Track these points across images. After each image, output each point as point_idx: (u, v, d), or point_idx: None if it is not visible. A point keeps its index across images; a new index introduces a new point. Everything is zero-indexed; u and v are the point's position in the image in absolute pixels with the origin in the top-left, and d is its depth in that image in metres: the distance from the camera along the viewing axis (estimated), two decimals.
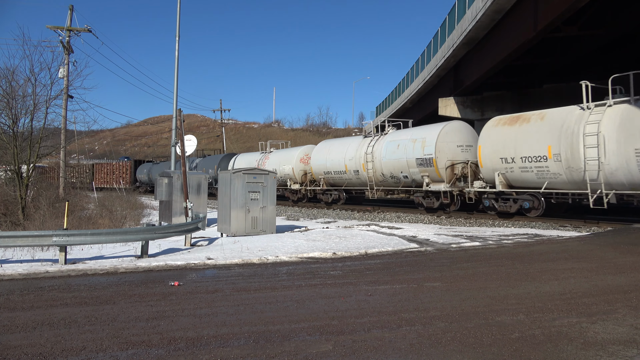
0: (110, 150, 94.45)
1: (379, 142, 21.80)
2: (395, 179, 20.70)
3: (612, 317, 5.11)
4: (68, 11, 27.14)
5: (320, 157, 25.93)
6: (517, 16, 17.94)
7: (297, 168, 27.76)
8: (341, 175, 24.53)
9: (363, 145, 22.79)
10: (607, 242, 10.51)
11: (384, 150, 21.12)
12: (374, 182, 22.02)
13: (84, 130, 45.86)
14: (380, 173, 21.47)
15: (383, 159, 21.05)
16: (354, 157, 23.29)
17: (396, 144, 20.47)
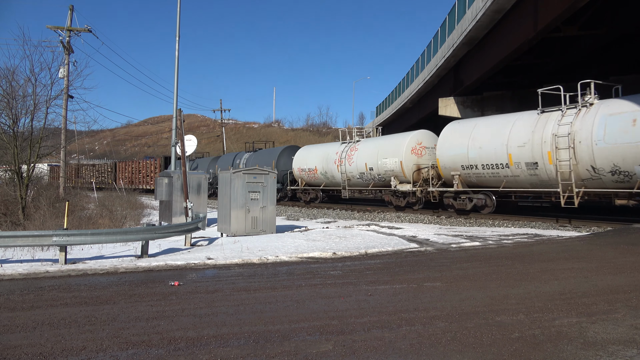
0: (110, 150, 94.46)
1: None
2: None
3: (612, 317, 5.11)
4: (68, 11, 27.15)
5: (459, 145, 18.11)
6: (517, 16, 17.95)
7: (408, 162, 20.64)
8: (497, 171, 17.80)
9: None
10: (607, 242, 10.51)
11: None
12: None
13: (84, 130, 45.72)
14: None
15: None
16: None
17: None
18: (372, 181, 22.49)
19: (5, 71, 17.94)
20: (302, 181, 27.74)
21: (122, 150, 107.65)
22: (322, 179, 26.13)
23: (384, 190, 22.45)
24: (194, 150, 22.06)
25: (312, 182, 27.25)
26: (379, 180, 22.15)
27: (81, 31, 27.30)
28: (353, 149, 23.90)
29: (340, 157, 24.57)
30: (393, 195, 21.84)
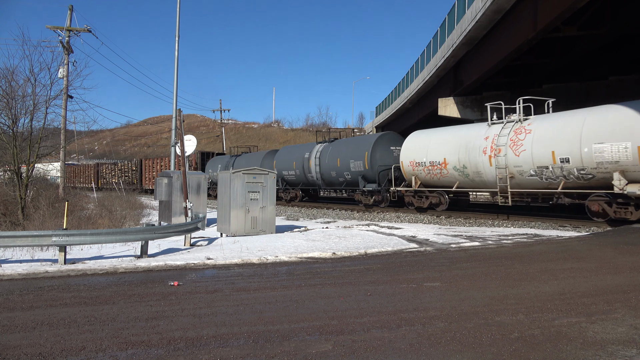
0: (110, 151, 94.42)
1: None
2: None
3: (611, 317, 5.11)
4: (68, 11, 27.15)
5: None
6: (516, 16, 17.95)
7: None
8: None
9: None
10: (607, 242, 10.51)
11: None
12: None
13: (84, 130, 45.31)
14: None
15: None
16: None
17: None
18: (564, 180, 14.42)
19: (5, 71, 17.97)
20: (416, 180, 20.10)
21: (122, 151, 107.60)
22: (455, 177, 18.30)
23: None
24: (193, 150, 22.05)
25: (434, 182, 19.59)
26: (581, 178, 13.93)
27: (81, 31, 27.30)
28: (521, 130, 15.68)
29: (495, 144, 16.31)
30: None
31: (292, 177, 28.43)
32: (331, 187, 26.30)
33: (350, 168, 22.91)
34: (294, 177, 28.24)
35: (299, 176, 27.71)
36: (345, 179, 23.79)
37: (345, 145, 24.32)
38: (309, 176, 26.65)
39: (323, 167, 25.29)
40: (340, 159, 23.97)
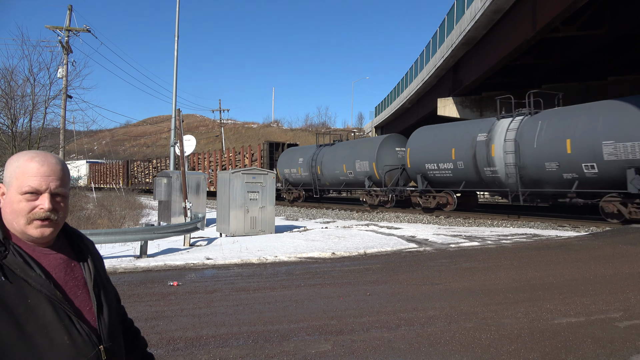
0: (109, 151, 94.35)
1: None
2: None
3: (610, 317, 5.12)
4: (67, 11, 27.12)
5: None
6: (515, 16, 17.96)
7: None
8: None
9: None
10: (606, 242, 10.52)
11: None
12: None
13: (83, 130, 45.13)
14: None
15: None
16: None
17: None
18: None
19: (4, 71, 17.93)
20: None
21: (121, 151, 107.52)
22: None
23: None
24: (192, 150, 22.04)
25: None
26: None
27: (80, 31, 27.25)
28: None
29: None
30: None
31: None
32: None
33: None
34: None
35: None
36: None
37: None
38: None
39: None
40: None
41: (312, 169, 26.95)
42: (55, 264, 1.38)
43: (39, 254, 1.36)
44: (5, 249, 1.30)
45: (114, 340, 1.44)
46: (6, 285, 1.25)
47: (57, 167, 1.37)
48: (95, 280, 1.45)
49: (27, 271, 1.29)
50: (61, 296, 1.32)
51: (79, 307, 1.37)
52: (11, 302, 1.24)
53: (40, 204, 1.33)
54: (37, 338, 1.25)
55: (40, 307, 1.27)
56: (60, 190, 1.36)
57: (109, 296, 1.49)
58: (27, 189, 1.32)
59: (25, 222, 1.33)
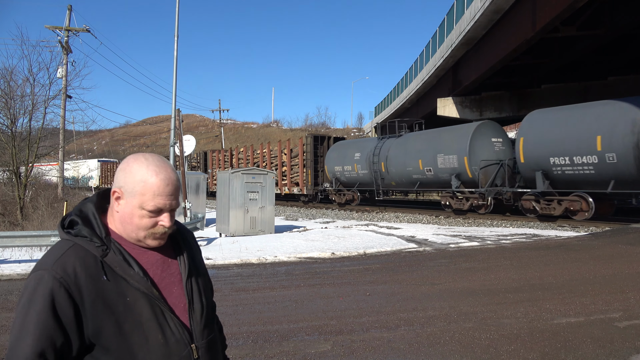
0: (109, 151, 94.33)
1: None
2: None
3: (610, 317, 5.12)
4: (67, 11, 27.12)
5: None
6: (515, 16, 17.96)
7: None
8: None
9: None
10: (605, 242, 10.53)
11: None
12: None
13: (83, 130, 45.01)
14: None
15: None
16: None
17: None
18: None
19: (4, 71, 17.95)
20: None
21: (121, 151, 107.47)
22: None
23: None
24: (192, 150, 22.05)
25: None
26: None
27: (79, 31, 27.26)
28: None
29: None
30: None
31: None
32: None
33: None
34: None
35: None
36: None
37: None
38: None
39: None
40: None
41: (373, 165, 22.59)
42: (152, 261, 1.40)
43: (138, 252, 1.38)
44: (107, 247, 1.32)
45: (207, 338, 1.44)
46: (107, 284, 1.28)
47: (177, 184, 1.39)
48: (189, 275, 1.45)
49: (126, 269, 1.31)
50: (157, 293, 1.34)
51: (173, 304, 1.38)
52: (112, 300, 1.27)
53: (161, 221, 1.36)
54: (134, 336, 1.29)
55: (137, 305, 1.30)
56: (175, 205, 1.40)
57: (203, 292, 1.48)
58: (152, 209, 1.34)
59: (145, 236, 1.36)
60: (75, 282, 1.25)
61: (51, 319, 1.22)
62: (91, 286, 1.26)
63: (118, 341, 1.27)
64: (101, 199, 1.43)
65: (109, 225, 1.39)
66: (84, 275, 1.26)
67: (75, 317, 1.25)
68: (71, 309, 1.24)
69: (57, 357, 1.23)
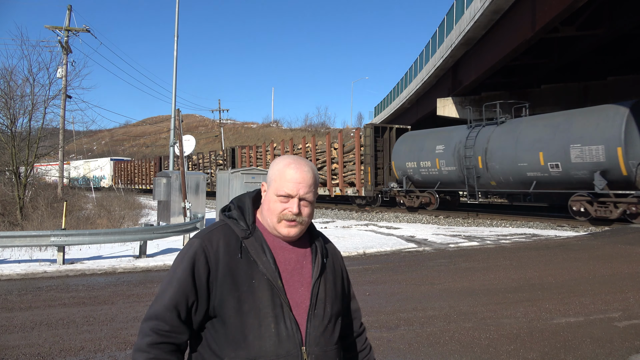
0: (108, 150, 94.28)
1: None
2: None
3: (609, 317, 5.12)
4: (66, 11, 27.11)
5: None
6: (515, 16, 17.97)
7: None
8: None
9: None
10: (605, 242, 10.53)
11: None
12: None
13: (83, 131, 44.75)
14: None
15: None
16: None
17: None
18: None
19: (3, 71, 17.95)
20: None
21: (121, 151, 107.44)
22: None
23: None
24: (192, 150, 22.02)
25: None
26: None
27: (79, 31, 27.24)
28: None
29: None
30: None
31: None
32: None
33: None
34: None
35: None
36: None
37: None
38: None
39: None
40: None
41: (464, 161, 18.08)
42: (287, 257, 1.50)
43: (276, 245, 1.50)
44: (250, 232, 1.49)
45: (322, 348, 1.46)
46: (240, 262, 1.43)
47: (308, 175, 1.50)
48: (319, 282, 1.51)
49: (259, 254, 1.45)
50: (281, 285, 1.43)
51: (295, 303, 1.45)
52: (240, 278, 1.41)
53: (289, 207, 1.47)
54: (249, 317, 1.39)
55: (260, 289, 1.41)
56: (306, 196, 1.49)
57: (330, 303, 1.52)
58: (282, 193, 1.47)
59: (277, 221, 1.48)
60: (215, 254, 1.42)
61: (190, 279, 1.41)
62: (227, 260, 1.42)
63: (235, 317, 1.39)
64: (258, 195, 1.60)
65: (258, 216, 1.56)
66: (223, 249, 1.43)
67: (207, 283, 1.41)
68: (206, 274, 1.41)
69: (187, 313, 1.41)
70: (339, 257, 1.66)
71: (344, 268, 1.67)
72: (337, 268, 1.62)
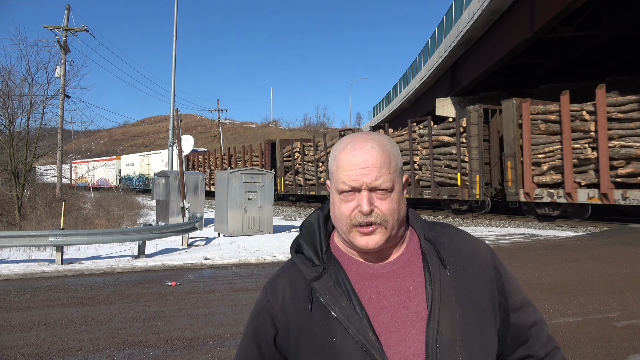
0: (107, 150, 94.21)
1: None
2: None
3: (608, 317, 5.13)
4: (65, 11, 27.06)
5: None
6: (513, 16, 17.99)
7: None
8: None
9: None
10: (604, 242, 10.54)
11: None
12: None
13: (81, 130, 44.30)
14: None
15: None
16: None
17: None
18: None
19: (2, 71, 17.84)
20: None
21: (119, 150, 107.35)
22: None
23: None
24: (190, 150, 22.01)
25: None
26: None
27: (78, 31, 27.19)
28: None
29: None
30: None
31: None
32: None
33: None
34: None
35: None
36: None
37: None
38: None
39: None
40: None
41: None
42: (380, 288, 1.02)
43: (362, 274, 1.04)
44: (323, 267, 1.04)
45: None
46: (313, 316, 1.00)
47: (374, 152, 1.00)
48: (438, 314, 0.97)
49: (336, 298, 1.00)
50: (375, 340, 0.96)
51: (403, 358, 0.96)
52: (316, 338, 0.99)
53: (358, 205, 1.00)
54: None
55: (345, 352, 0.96)
56: (379, 183, 0.99)
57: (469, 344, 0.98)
58: (344, 188, 1.01)
59: (347, 229, 1.01)
60: (282, 310, 1.04)
61: (252, 342, 1.10)
62: (295, 317, 1.02)
63: None
64: None
65: (334, 238, 1.11)
66: (290, 302, 1.04)
67: (276, 349, 1.06)
68: (272, 339, 1.06)
69: None
70: (480, 254, 1.12)
71: (492, 268, 1.12)
72: (478, 273, 1.07)
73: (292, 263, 1.10)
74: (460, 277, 1.03)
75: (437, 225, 1.14)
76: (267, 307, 1.07)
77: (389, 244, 1.03)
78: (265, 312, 1.07)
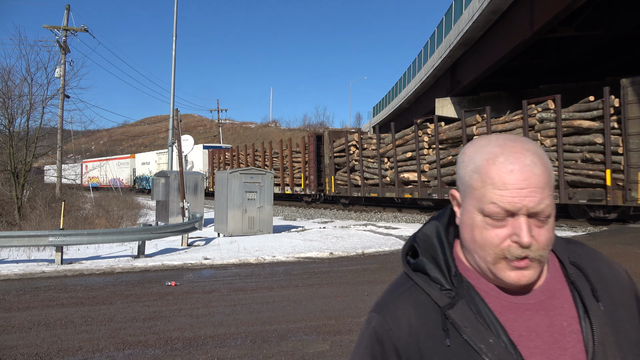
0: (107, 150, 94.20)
1: None
2: None
3: None
4: (65, 11, 27.06)
5: None
6: (513, 17, 18.01)
7: None
8: None
9: None
10: (603, 242, 10.55)
11: None
12: None
13: (81, 130, 44.15)
14: None
15: None
16: None
17: None
18: None
19: (1, 71, 17.85)
20: None
21: (119, 150, 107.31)
22: None
23: None
24: (190, 150, 22.02)
25: None
26: None
27: (77, 31, 27.20)
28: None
29: None
30: None
31: None
32: None
33: None
34: None
35: None
36: None
37: None
38: None
39: None
40: None
41: None
42: (529, 323, 0.86)
43: (504, 304, 0.87)
44: (455, 293, 0.87)
45: None
46: (450, 352, 0.84)
47: (535, 169, 0.83)
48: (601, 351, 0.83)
49: (482, 334, 0.83)
50: None
51: None
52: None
53: (514, 234, 0.83)
54: None
55: None
56: (541, 208, 0.82)
57: None
58: (493, 210, 0.83)
59: (492, 260, 0.85)
60: (410, 340, 0.87)
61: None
62: (430, 352, 0.85)
63: None
64: (452, 217, 0.96)
65: (458, 251, 0.95)
66: (423, 332, 0.87)
67: None
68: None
69: None
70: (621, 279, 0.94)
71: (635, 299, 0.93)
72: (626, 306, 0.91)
73: (410, 284, 0.92)
74: (614, 311, 0.87)
75: (571, 244, 0.97)
76: (388, 335, 0.88)
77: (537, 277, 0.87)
78: (386, 342, 0.88)
